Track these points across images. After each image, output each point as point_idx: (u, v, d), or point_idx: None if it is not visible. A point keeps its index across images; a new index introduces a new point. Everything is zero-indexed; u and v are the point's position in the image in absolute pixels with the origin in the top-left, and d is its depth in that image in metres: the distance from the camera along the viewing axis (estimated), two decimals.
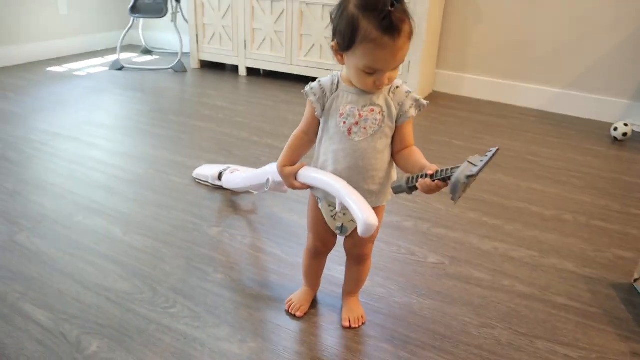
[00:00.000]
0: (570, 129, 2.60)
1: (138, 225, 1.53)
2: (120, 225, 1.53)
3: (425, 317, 1.19)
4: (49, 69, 3.34)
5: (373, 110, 0.94)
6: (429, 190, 0.84)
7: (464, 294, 1.28)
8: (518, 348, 1.11)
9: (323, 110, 0.97)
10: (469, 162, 0.81)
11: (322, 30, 2.97)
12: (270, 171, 1.29)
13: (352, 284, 1.18)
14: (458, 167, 0.82)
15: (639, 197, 1.87)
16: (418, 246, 1.48)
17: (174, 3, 3.36)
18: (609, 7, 2.59)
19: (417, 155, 0.95)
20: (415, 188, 0.88)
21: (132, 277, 1.29)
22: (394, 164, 1.01)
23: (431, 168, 0.86)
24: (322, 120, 0.99)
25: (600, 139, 2.47)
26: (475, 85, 3.06)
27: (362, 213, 0.87)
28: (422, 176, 0.86)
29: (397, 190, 0.90)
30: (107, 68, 3.41)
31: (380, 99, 0.94)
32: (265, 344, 1.09)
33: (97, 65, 3.48)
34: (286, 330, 1.13)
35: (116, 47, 3.48)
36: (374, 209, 1.03)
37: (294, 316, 1.17)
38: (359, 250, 1.11)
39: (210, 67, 3.54)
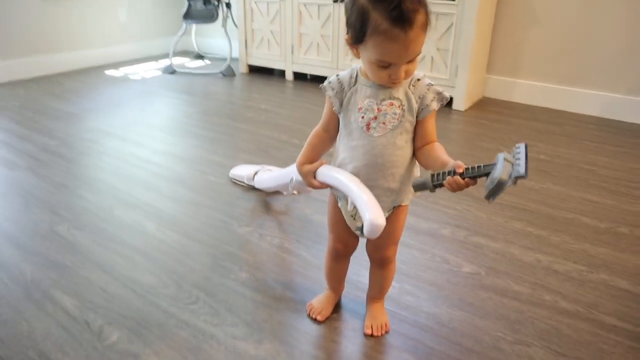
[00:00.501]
0: (632, 137, 2.40)
1: (171, 221, 1.55)
2: (154, 220, 1.55)
3: (454, 329, 1.11)
4: (107, 72, 3.51)
5: (392, 104, 0.89)
6: (457, 188, 0.78)
7: (499, 307, 1.19)
8: None
9: (341, 105, 0.93)
10: (506, 159, 0.73)
11: None
12: (294, 170, 1.27)
13: (376, 290, 1.13)
14: (491, 164, 0.75)
15: None
16: (453, 255, 1.40)
17: (225, 8, 3.44)
18: None
19: (439, 151, 0.89)
20: (441, 185, 0.80)
21: (159, 271, 1.30)
22: (416, 161, 0.96)
23: (458, 165, 0.78)
24: (341, 116, 0.95)
25: None
26: (529, 90, 2.90)
27: (369, 212, 0.82)
28: (449, 173, 0.79)
29: (419, 187, 0.83)
30: (161, 72, 3.53)
31: (400, 92, 0.89)
32: (281, 346, 1.06)
33: (151, 70, 3.62)
34: (305, 334, 1.10)
35: (169, 53, 3.61)
36: (395, 208, 0.98)
37: (314, 320, 1.13)
38: (380, 254, 1.06)
39: (259, 71, 3.59)
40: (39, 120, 2.48)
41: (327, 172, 0.96)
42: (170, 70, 3.49)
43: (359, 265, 1.26)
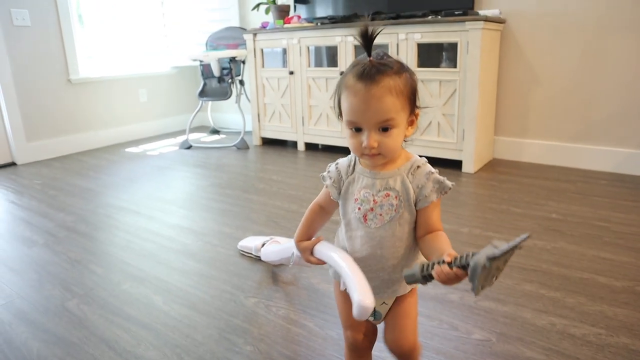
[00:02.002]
0: None
1: (178, 294, 1.55)
2: (162, 294, 1.56)
3: None
4: (126, 150, 3.67)
5: (389, 195, 0.86)
6: (447, 280, 0.72)
7: None
8: None
9: (340, 194, 0.93)
10: (493, 245, 0.68)
11: None
12: (293, 246, 1.28)
13: None
14: (478, 252, 0.69)
15: None
16: (462, 321, 1.35)
17: (239, 85, 3.63)
18: None
19: (440, 241, 0.83)
20: (430, 277, 0.75)
21: (162, 345, 1.29)
22: (418, 251, 0.93)
23: (448, 254, 0.74)
24: (340, 204, 0.95)
25: None
26: (538, 150, 2.92)
27: (358, 294, 0.80)
28: (439, 263, 0.74)
29: (409, 279, 0.77)
30: (177, 147, 3.68)
31: (397, 182, 0.87)
32: None
33: (168, 145, 3.77)
34: None
35: (186, 129, 3.77)
36: (400, 297, 0.96)
37: None
38: (401, 349, 0.96)
39: (272, 143, 3.70)
40: (59, 197, 2.57)
41: (323, 250, 0.96)
42: (187, 146, 3.63)
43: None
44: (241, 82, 3.65)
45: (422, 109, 0.88)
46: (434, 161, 1.08)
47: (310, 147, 3.51)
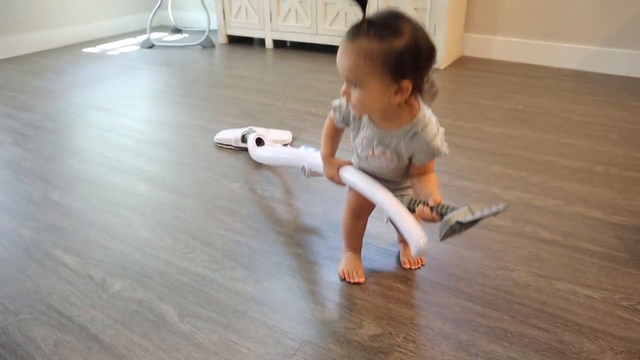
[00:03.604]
0: (607, 87, 2.47)
1: (162, 182, 1.58)
2: (145, 182, 1.58)
3: (442, 260, 1.18)
4: (84, 50, 3.46)
5: (385, 153, 0.93)
6: (424, 219, 0.86)
7: (483, 239, 1.26)
8: (537, 289, 1.08)
9: (348, 125, 0.99)
10: (470, 207, 0.79)
11: None
12: (304, 157, 1.28)
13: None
14: (458, 208, 0.81)
15: None
16: None
17: None
18: None
19: (431, 185, 0.93)
20: (413, 211, 0.89)
21: (154, 226, 1.34)
22: None
23: (435, 200, 0.85)
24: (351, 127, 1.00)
25: (638, 95, 2.34)
26: (507, 47, 2.95)
27: (414, 234, 0.84)
28: (424, 203, 0.86)
29: None
30: (139, 47, 3.49)
31: (393, 142, 0.92)
32: (280, 284, 1.11)
33: (129, 45, 3.57)
34: (300, 272, 1.15)
35: (146, 28, 3.56)
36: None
37: (356, 284, 1.10)
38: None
39: (238, 41, 3.57)
40: (19, 98, 2.45)
41: (354, 179, 0.99)
42: (149, 45, 3.45)
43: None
44: None
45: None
46: None
47: (279, 44, 3.41)
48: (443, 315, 1.01)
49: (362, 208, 1.09)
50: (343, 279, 1.12)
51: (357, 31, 0.81)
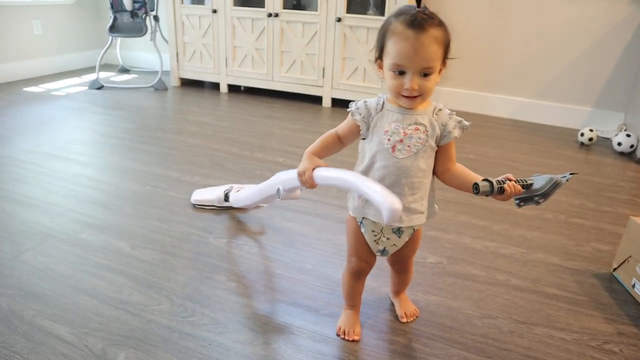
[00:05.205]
0: (541, 136, 2.77)
1: (143, 239, 1.56)
2: (126, 239, 1.55)
3: (432, 312, 1.27)
4: (25, 89, 3.31)
5: (418, 129, 0.97)
6: (512, 194, 0.96)
7: (464, 289, 1.37)
8: (519, 335, 1.20)
9: (368, 129, 1.00)
10: (548, 175, 0.98)
11: (302, 46, 3.07)
12: (280, 180, 1.33)
13: (400, 286, 1.26)
14: (533, 179, 0.99)
15: (608, 195, 2.03)
16: None
17: (153, 22, 3.40)
18: (570, 23, 2.80)
19: (469, 171, 1.02)
20: (501, 190, 0.95)
21: (146, 289, 1.32)
22: (435, 187, 1.06)
23: (507, 176, 0.97)
24: (366, 140, 1.02)
25: (569, 144, 2.65)
26: (451, 97, 3.21)
27: (383, 198, 0.86)
28: (502, 181, 0.96)
29: (484, 189, 0.95)
30: (86, 87, 3.39)
31: (425, 119, 0.97)
32: (288, 345, 1.14)
33: (75, 85, 3.46)
34: (305, 331, 1.19)
35: (92, 67, 3.48)
36: (415, 230, 1.10)
37: (352, 342, 1.15)
38: (402, 265, 1.19)
39: (191, 84, 3.58)
40: None
41: (325, 174, 1.00)
42: (98, 85, 3.37)
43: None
44: (155, 18, 3.42)
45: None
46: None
47: (232, 88, 3.46)
48: None
49: (361, 269, 1.15)
50: (338, 335, 1.17)
51: (423, 21, 0.88)
